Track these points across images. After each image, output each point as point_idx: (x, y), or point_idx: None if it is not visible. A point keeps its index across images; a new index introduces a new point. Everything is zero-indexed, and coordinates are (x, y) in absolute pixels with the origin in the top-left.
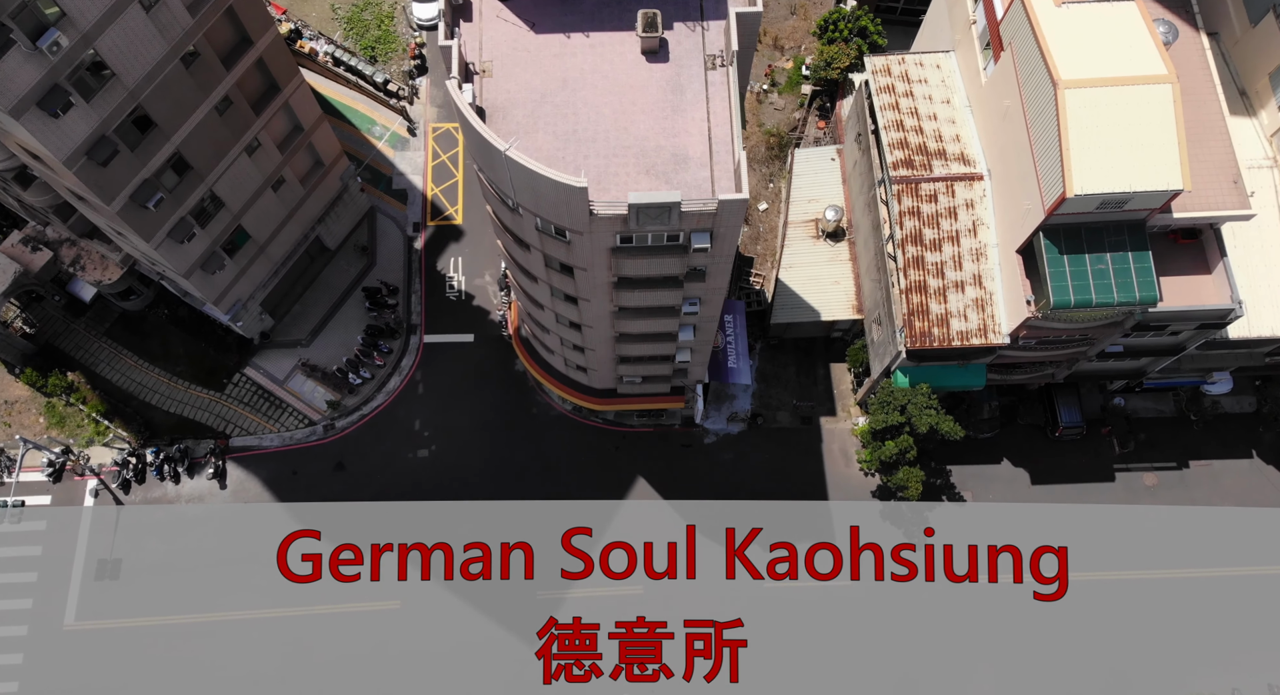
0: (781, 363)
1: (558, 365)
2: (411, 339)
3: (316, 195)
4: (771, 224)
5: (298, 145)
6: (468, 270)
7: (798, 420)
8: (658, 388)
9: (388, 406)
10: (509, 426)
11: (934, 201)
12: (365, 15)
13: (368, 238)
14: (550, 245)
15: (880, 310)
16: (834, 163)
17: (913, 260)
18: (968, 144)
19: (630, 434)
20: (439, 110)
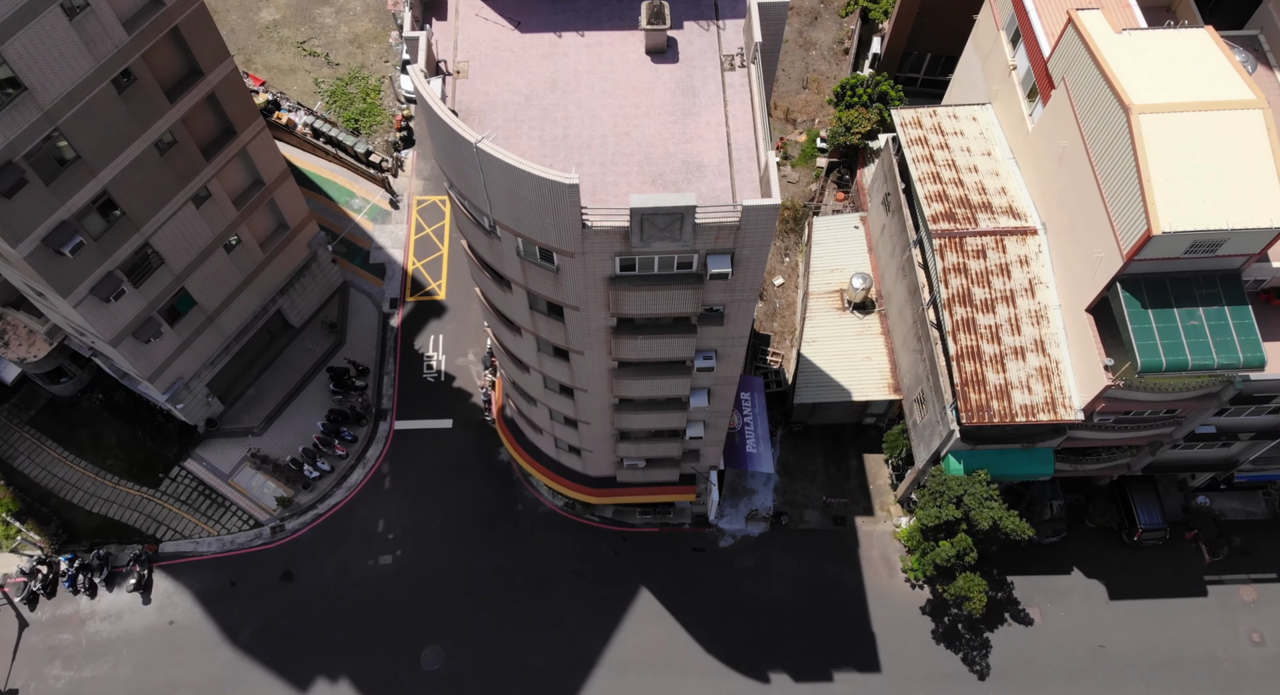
0: (807, 453)
1: (547, 448)
2: (380, 425)
3: (279, 262)
4: (789, 299)
5: (256, 202)
6: (449, 349)
7: (828, 520)
8: (664, 475)
9: (348, 504)
10: (489, 526)
11: (982, 257)
12: (350, 89)
13: (338, 314)
14: (535, 277)
15: (924, 386)
16: (858, 231)
17: (962, 323)
18: (1016, 197)
19: (632, 535)
20: (425, 182)
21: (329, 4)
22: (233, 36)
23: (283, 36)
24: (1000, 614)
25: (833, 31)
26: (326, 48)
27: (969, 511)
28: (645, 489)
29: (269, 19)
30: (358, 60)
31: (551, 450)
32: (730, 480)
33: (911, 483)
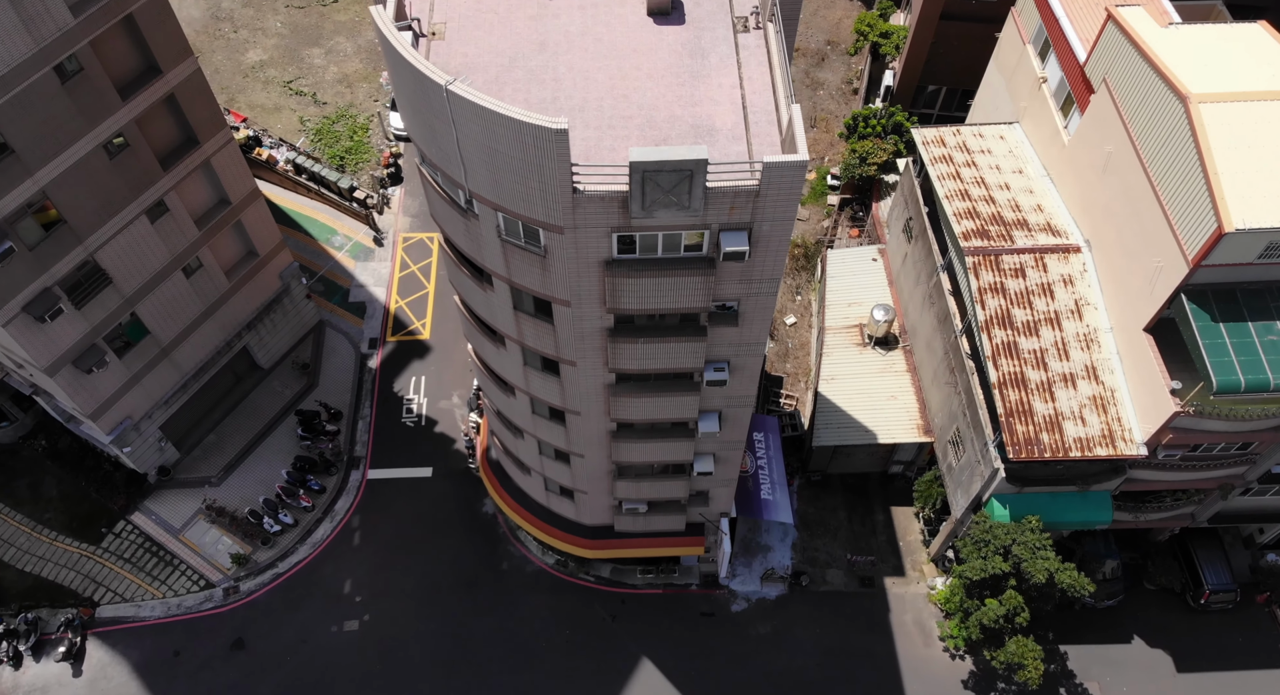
0: (827, 505)
1: (536, 492)
2: (352, 474)
3: (246, 293)
4: (802, 339)
5: (221, 223)
6: (432, 391)
7: (854, 581)
8: (669, 523)
9: (312, 562)
10: (470, 587)
11: (1021, 276)
12: (337, 127)
13: (311, 354)
14: (519, 266)
15: (959, 423)
16: (876, 263)
17: (1003, 347)
18: (1053, 214)
19: (633, 597)
20: (412, 219)
21: (319, 45)
22: (217, 76)
23: (269, 76)
24: (1054, 688)
25: (840, 72)
26: (314, 87)
27: (1019, 563)
28: (647, 541)
29: (255, 59)
30: (346, 99)
31: (541, 495)
32: (742, 536)
33: (946, 538)
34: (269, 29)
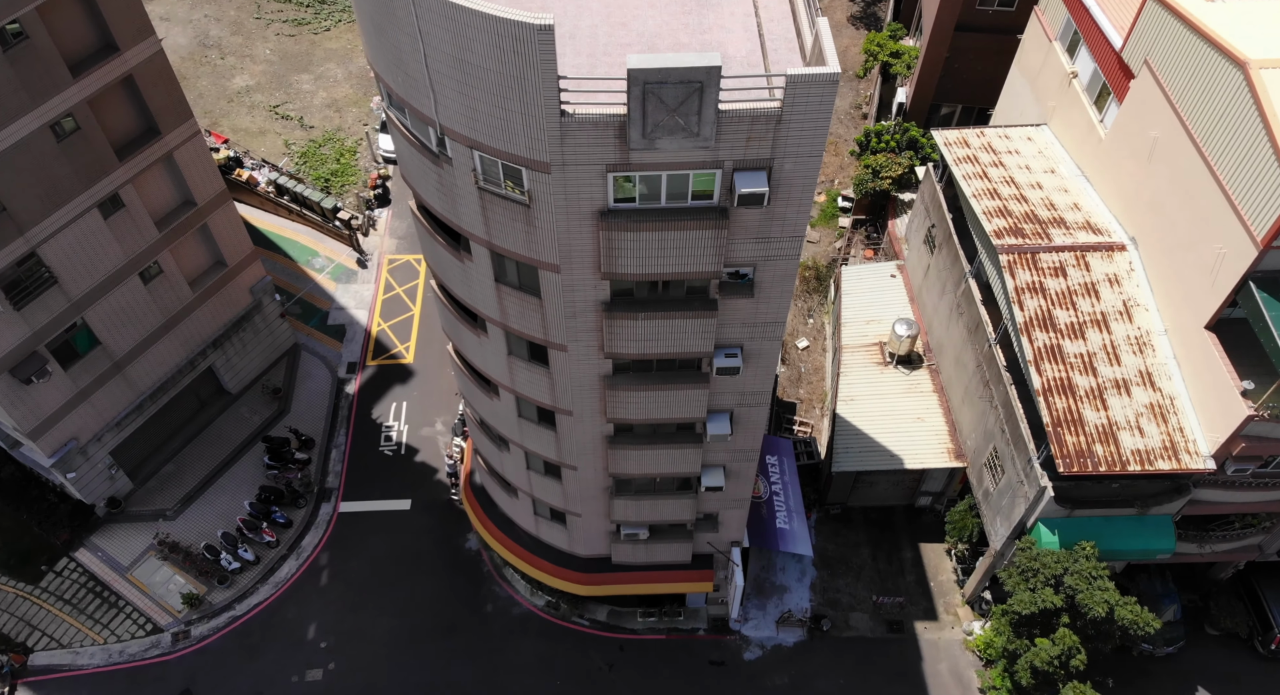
0: (849, 541)
1: (524, 519)
2: (322, 507)
3: (212, 308)
4: (815, 364)
5: (185, 225)
6: (414, 418)
7: (881, 625)
8: (673, 553)
9: (273, 603)
10: (449, 632)
11: (1061, 275)
12: (324, 150)
13: (284, 378)
14: (500, 222)
15: (996, 441)
16: (895, 279)
17: (1046, 351)
18: (1092, 213)
19: (632, 643)
20: (399, 241)
21: (308, 71)
22: (200, 101)
23: (254, 101)
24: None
25: (849, 97)
26: (301, 111)
27: (1073, 595)
28: (648, 575)
29: (242, 85)
30: (334, 123)
31: (529, 522)
32: (755, 574)
33: (983, 576)
34: (258, 56)
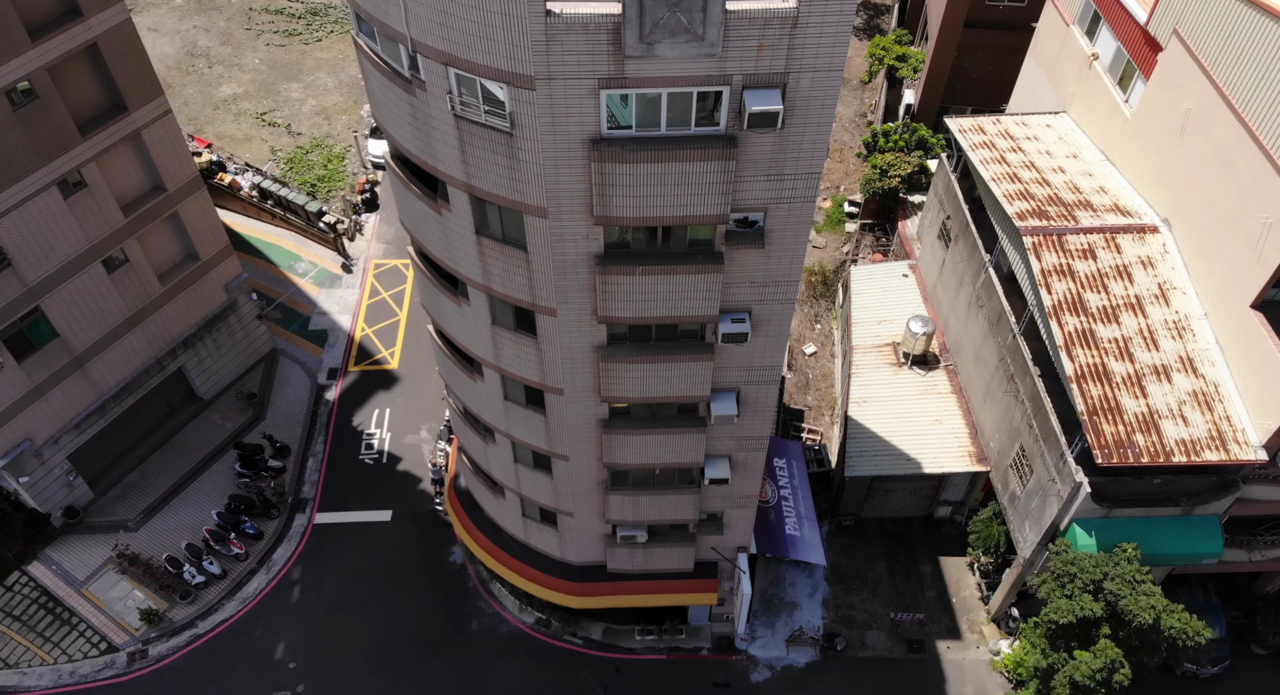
0: (863, 555)
1: (512, 524)
2: (296, 518)
3: (183, 303)
4: (824, 370)
5: (153, 212)
6: (398, 425)
7: (900, 645)
8: (673, 559)
9: (240, 620)
10: (430, 652)
11: (1090, 258)
12: (311, 156)
13: (260, 383)
14: (479, 157)
15: (1024, 438)
16: (907, 279)
17: (1078, 336)
18: (1120, 196)
19: (630, 664)
20: (386, 246)
21: (297, 79)
22: (185, 108)
23: (241, 108)
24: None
25: (853, 106)
26: (289, 119)
27: (1115, 602)
28: (647, 585)
29: (229, 93)
30: (323, 130)
31: (518, 526)
32: (762, 590)
33: (1010, 590)
34: (246, 65)
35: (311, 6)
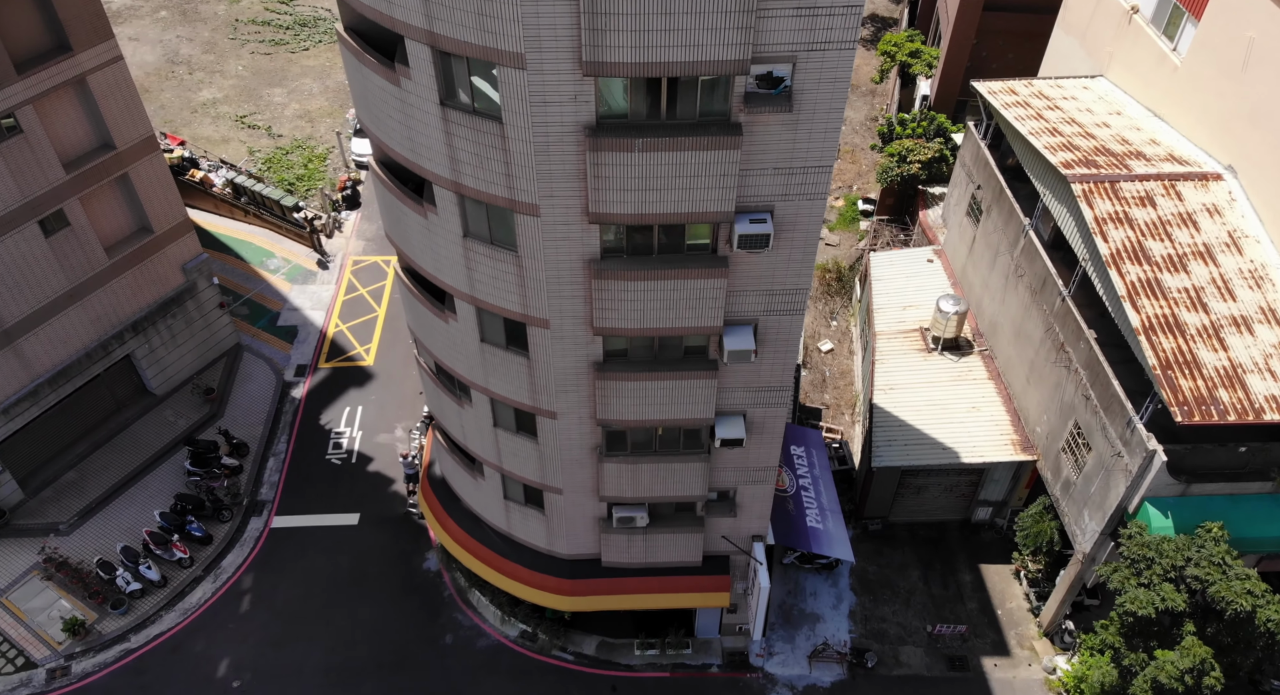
0: (893, 562)
1: (492, 512)
2: (251, 522)
3: (133, 281)
4: (842, 367)
5: (100, 170)
6: (370, 424)
7: (939, 662)
8: (678, 549)
9: (180, 633)
10: (398, 668)
11: (1149, 205)
12: (291, 157)
13: (220, 380)
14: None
15: (1080, 413)
16: (933, 264)
17: (1142, 285)
18: (1174, 148)
19: (627, 683)
20: (366, 243)
21: (281, 85)
22: (162, 111)
23: (220, 111)
24: None
25: (863, 110)
26: (270, 122)
27: (1203, 589)
28: (649, 583)
29: (208, 97)
30: (305, 133)
31: (499, 513)
32: (780, 601)
33: (1067, 597)
34: (228, 72)
35: (300, 18)
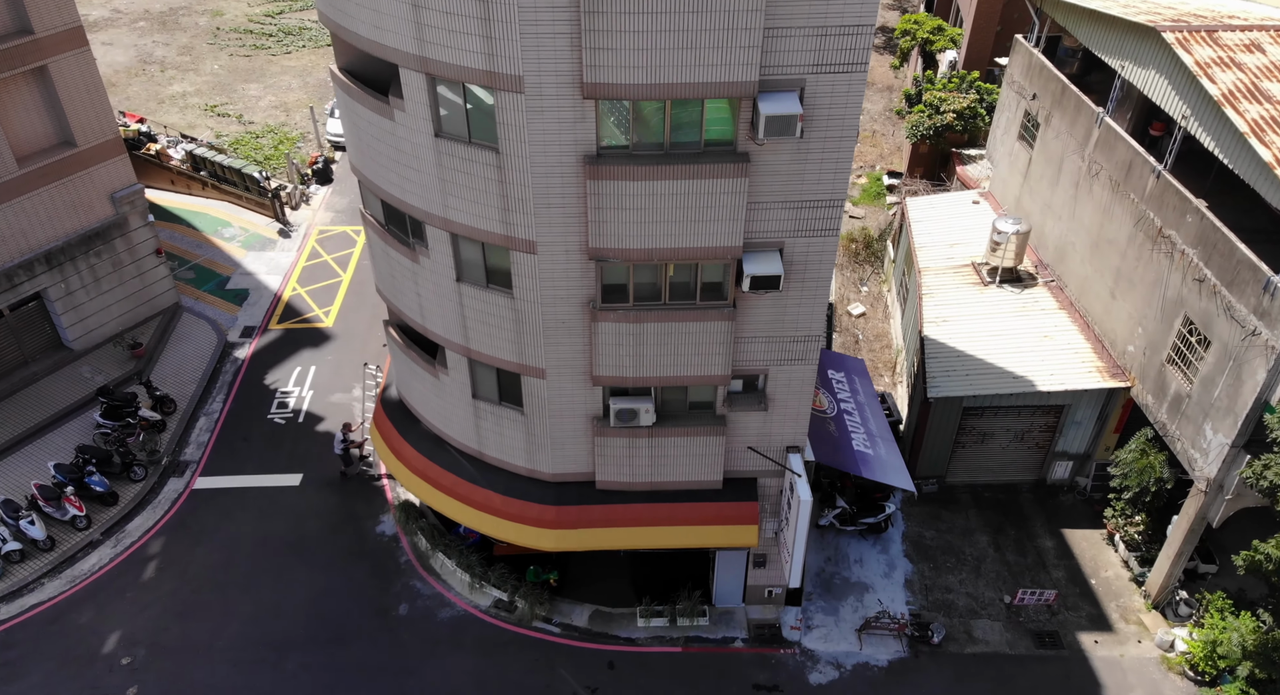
0: (956, 527)
1: (459, 426)
2: (169, 483)
3: (50, 202)
4: (877, 331)
5: (12, 56)
6: (323, 385)
7: (1024, 638)
8: (694, 464)
9: (61, 604)
10: (339, 643)
11: (1257, 51)
12: (262, 140)
13: (152, 337)
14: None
15: (1194, 303)
16: (979, 205)
17: (1265, 123)
18: (1272, 15)
19: (627, 658)
20: (336, 214)
21: (259, 82)
22: (127, 102)
23: (189, 102)
24: None
25: (881, 103)
26: (243, 111)
27: None
28: (656, 512)
29: (179, 90)
30: (278, 120)
31: (468, 427)
32: (818, 569)
33: (1182, 551)
34: (204, 70)
35: (285, 28)
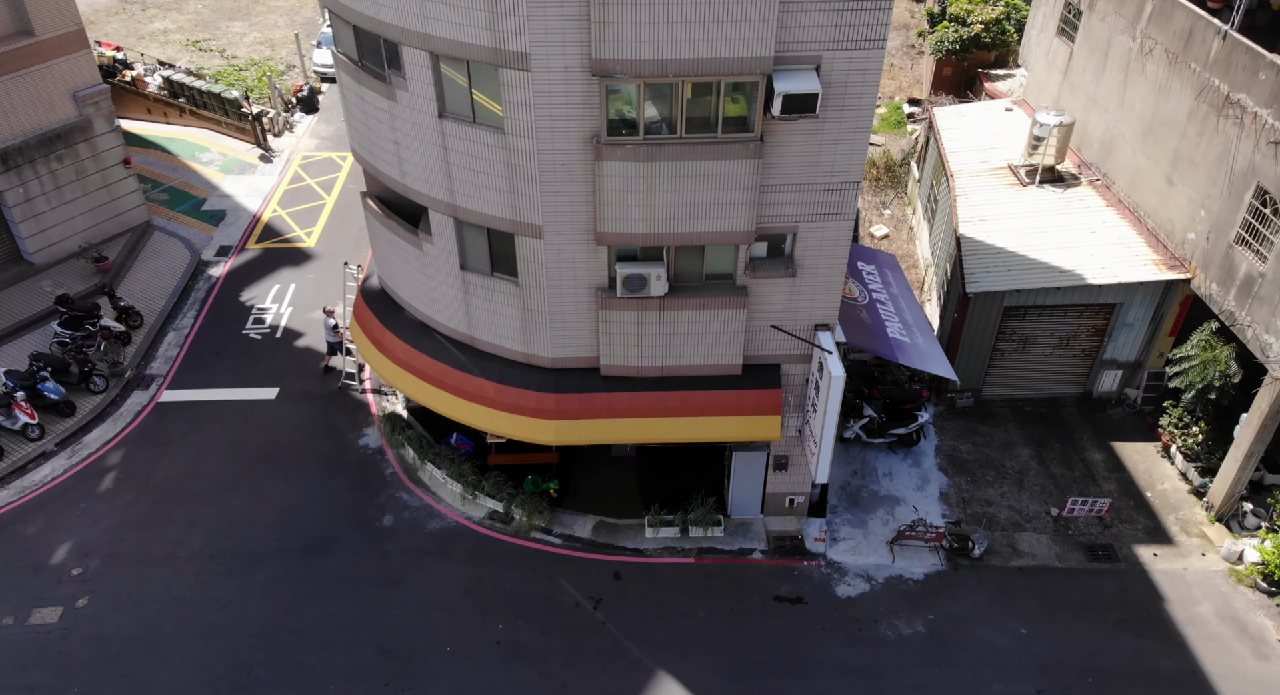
0: (994, 440)
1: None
2: (132, 395)
3: (5, 95)
4: (904, 251)
5: None
6: (302, 301)
7: (1075, 550)
8: (710, 348)
9: (8, 513)
10: (314, 553)
11: None
12: (245, 73)
13: (120, 254)
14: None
15: (1271, 170)
16: (1012, 113)
17: None
18: None
19: (634, 569)
20: (321, 141)
21: (244, 20)
22: (106, 37)
23: (171, 38)
24: None
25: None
26: (226, 47)
27: None
28: (667, 402)
29: (160, 28)
30: (263, 54)
31: (456, 308)
32: (843, 482)
33: (1248, 460)
34: (187, 10)
35: None
